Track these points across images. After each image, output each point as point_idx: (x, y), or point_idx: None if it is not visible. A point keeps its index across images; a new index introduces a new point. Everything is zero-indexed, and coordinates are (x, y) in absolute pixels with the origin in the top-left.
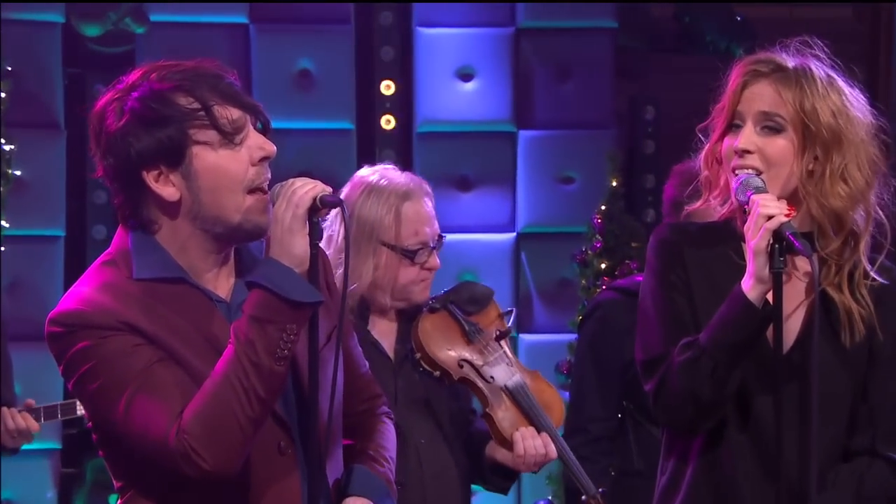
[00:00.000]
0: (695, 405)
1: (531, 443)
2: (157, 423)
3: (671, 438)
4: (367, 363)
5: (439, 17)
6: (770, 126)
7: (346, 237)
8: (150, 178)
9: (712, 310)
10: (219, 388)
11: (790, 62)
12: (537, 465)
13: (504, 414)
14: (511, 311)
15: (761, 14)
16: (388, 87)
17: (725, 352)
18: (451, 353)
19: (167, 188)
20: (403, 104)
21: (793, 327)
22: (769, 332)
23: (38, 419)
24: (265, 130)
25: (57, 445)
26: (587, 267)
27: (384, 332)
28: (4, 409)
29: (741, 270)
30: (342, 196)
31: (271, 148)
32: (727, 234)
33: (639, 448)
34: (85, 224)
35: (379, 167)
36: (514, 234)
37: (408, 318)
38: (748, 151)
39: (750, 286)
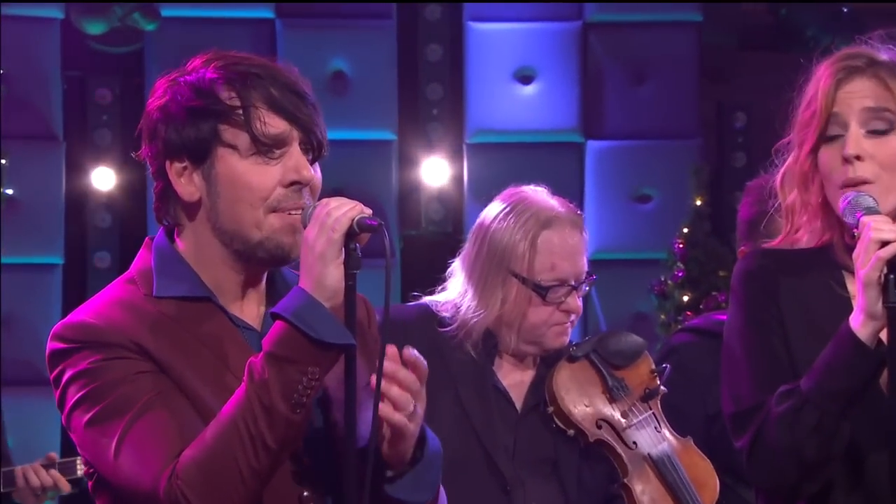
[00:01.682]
0: (797, 464)
1: None
2: (150, 465)
3: None
4: None
5: (494, 11)
6: (879, 127)
7: (387, 267)
8: (172, 170)
9: (813, 351)
10: (223, 431)
11: (883, 55)
12: None
13: (644, 487)
14: (665, 367)
15: (871, 7)
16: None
17: (832, 400)
18: (589, 409)
19: (188, 187)
20: (453, 111)
21: None
22: (883, 377)
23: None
24: (315, 157)
25: None
26: (667, 299)
27: (515, 378)
28: (25, 467)
29: (845, 304)
30: (481, 216)
31: (308, 175)
32: (826, 260)
33: None
34: (86, 250)
35: (527, 187)
36: None
37: (547, 365)
38: (859, 158)
39: (860, 323)
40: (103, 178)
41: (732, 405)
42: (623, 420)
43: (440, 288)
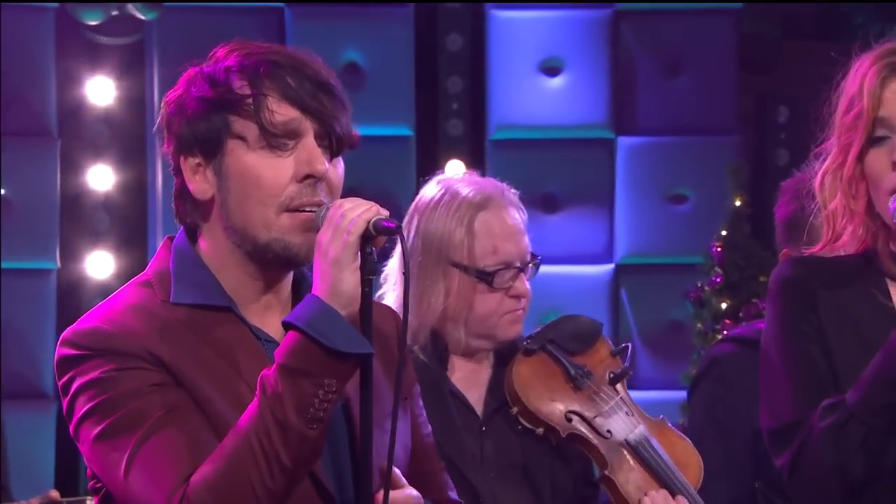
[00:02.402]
0: (842, 483)
1: None
2: (161, 486)
3: None
4: (430, 428)
5: None
6: None
7: (406, 271)
8: (186, 167)
9: (857, 363)
10: (235, 450)
11: None
12: None
13: (628, 475)
14: (626, 346)
15: None
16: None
17: (880, 415)
18: (556, 404)
19: (201, 184)
20: (474, 105)
21: None
22: None
23: None
24: (334, 151)
25: None
26: (704, 307)
27: (470, 380)
28: None
29: (889, 314)
30: (411, 209)
31: (321, 168)
32: (868, 268)
33: None
34: (83, 255)
35: (455, 173)
36: (612, 265)
37: (501, 361)
38: None
39: None
40: (101, 177)
41: (771, 421)
42: (592, 409)
43: (377, 295)
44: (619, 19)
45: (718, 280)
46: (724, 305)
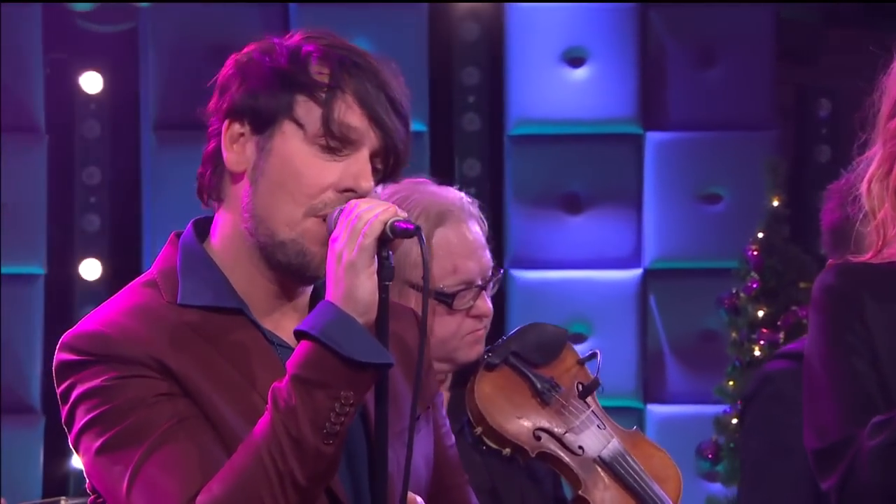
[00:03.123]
0: None
1: None
2: None
3: None
4: (453, 440)
5: None
6: None
7: (425, 277)
8: (228, 133)
9: None
10: (246, 467)
11: None
12: None
13: (603, 494)
14: (594, 353)
15: None
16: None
17: None
18: (523, 421)
19: (238, 155)
20: (492, 98)
21: None
22: None
23: None
24: (385, 175)
25: None
26: (739, 315)
27: None
28: None
29: None
30: None
31: (366, 186)
32: None
33: None
34: (73, 259)
35: (407, 182)
36: (641, 270)
37: (461, 380)
38: None
39: None
40: (91, 176)
41: (816, 440)
42: (562, 424)
43: None
44: (648, 6)
45: (755, 286)
46: (760, 313)
